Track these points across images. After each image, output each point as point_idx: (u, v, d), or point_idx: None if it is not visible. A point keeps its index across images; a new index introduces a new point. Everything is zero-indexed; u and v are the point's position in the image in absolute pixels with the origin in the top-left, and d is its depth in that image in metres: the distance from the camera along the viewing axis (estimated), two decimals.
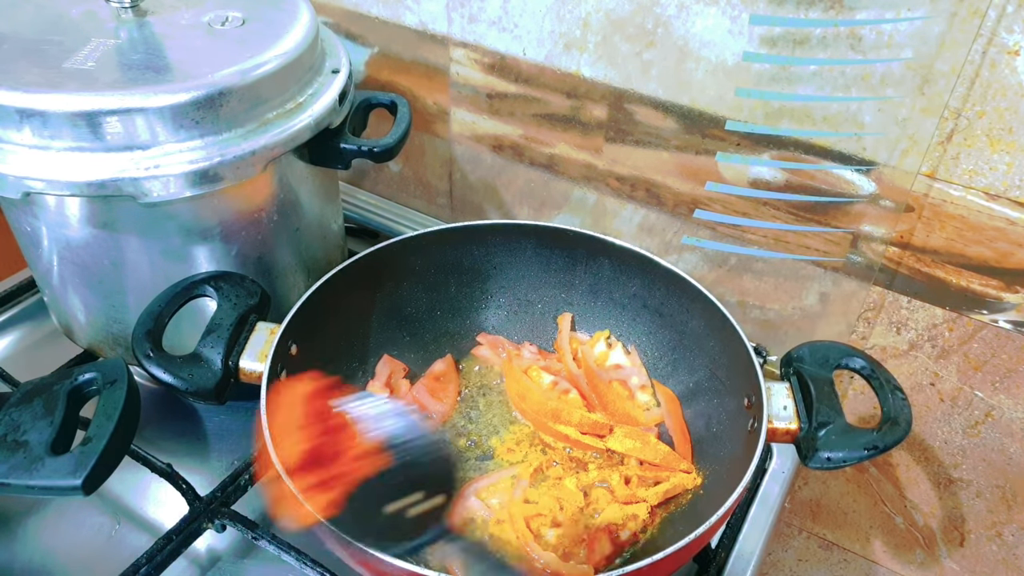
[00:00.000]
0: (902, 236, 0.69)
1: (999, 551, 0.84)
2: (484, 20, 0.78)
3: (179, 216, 0.61)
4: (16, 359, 0.80)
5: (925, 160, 0.65)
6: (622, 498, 0.63)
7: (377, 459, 0.54)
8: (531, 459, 0.67)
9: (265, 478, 0.63)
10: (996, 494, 0.80)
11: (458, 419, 0.71)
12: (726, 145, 0.72)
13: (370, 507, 0.53)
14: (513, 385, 0.72)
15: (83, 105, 0.54)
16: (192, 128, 0.57)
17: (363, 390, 0.72)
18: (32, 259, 0.68)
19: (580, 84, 0.77)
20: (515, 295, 0.79)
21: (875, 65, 0.62)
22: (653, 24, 0.69)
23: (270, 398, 0.56)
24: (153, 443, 0.69)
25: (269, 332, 0.60)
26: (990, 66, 0.59)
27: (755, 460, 0.53)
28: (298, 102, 0.63)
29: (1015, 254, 0.65)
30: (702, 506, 0.62)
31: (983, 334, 0.71)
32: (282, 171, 0.65)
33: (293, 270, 0.72)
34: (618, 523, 0.62)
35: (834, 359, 0.60)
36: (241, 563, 0.63)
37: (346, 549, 0.50)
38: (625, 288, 0.75)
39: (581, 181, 0.84)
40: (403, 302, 0.75)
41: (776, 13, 0.63)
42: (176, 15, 0.65)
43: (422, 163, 0.95)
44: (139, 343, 0.56)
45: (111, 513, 0.66)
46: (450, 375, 0.74)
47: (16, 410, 0.51)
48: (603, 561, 0.60)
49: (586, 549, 0.60)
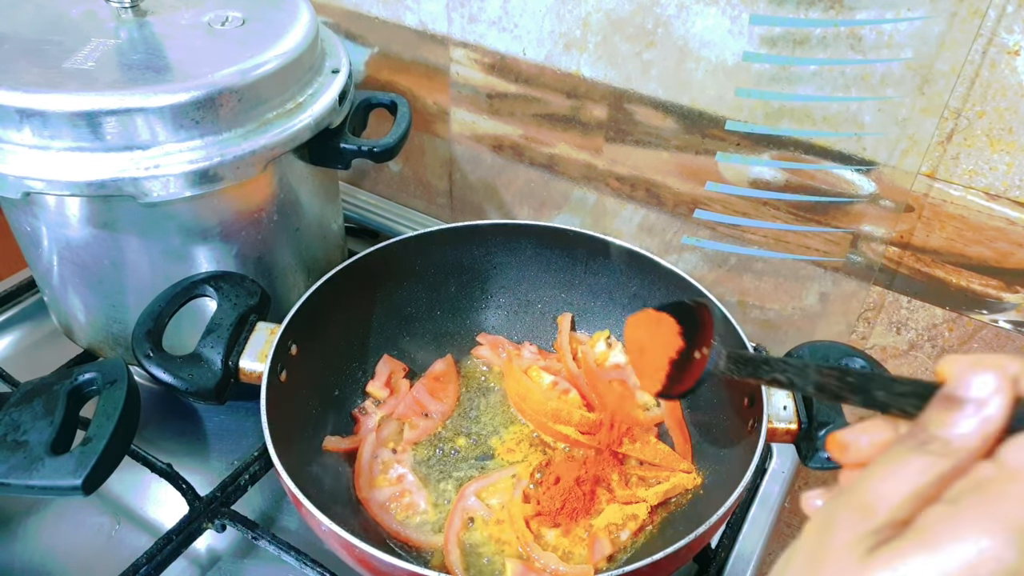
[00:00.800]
0: (902, 236, 0.69)
1: None
2: (484, 20, 0.78)
3: (179, 216, 0.61)
4: (16, 359, 0.80)
5: (925, 160, 0.65)
6: (622, 498, 0.63)
7: None
8: (531, 459, 0.67)
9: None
10: None
11: (458, 419, 0.71)
12: (726, 145, 0.72)
13: None
14: (513, 385, 0.72)
15: (83, 105, 0.54)
16: (192, 128, 0.57)
17: (362, 390, 0.72)
18: (32, 259, 0.68)
19: (580, 84, 0.77)
20: (515, 295, 0.79)
21: (875, 65, 0.62)
22: (653, 24, 0.69)
23: (270, 398, 0.56)
24: (153, 443, 0.69)
25: (269, 332, 0.60)
26: (990, 66, 0.59)
27: (755, 460, 0.53)
28: (298, 102, 0.63)
29: (1015, 254, 0.65)
30: (702, 506, 0.62)
31: (983, 334, 0.71)
32: (282, 171, 0.65)
33: (293, 270, 0.72)
34: (618, 523, 0.62)
35: (834, 359, 0.60)
36: (241, 563, 0.63)
37: (346, 549, 0.50)
38: (625, 288, 0.75)
39: (581, 181, 0.84)
40: (403, 302, 0.75)
41: (776, 13, 0.63)
42: (176, 15, 0.65)
43: (422, 163, 0.95)
44: (139, 343, 0.56)
45: (111, 513, 0.66)
46: (450, 375, 0.74)
47: (16, 410, 0.51)
48: (603, 561, 0.60)
49: (587, 549, 0.60)
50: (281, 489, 0.63)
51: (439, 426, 0.70)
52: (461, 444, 0.69)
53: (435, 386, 0.73)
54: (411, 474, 0.65)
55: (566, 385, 0.72)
